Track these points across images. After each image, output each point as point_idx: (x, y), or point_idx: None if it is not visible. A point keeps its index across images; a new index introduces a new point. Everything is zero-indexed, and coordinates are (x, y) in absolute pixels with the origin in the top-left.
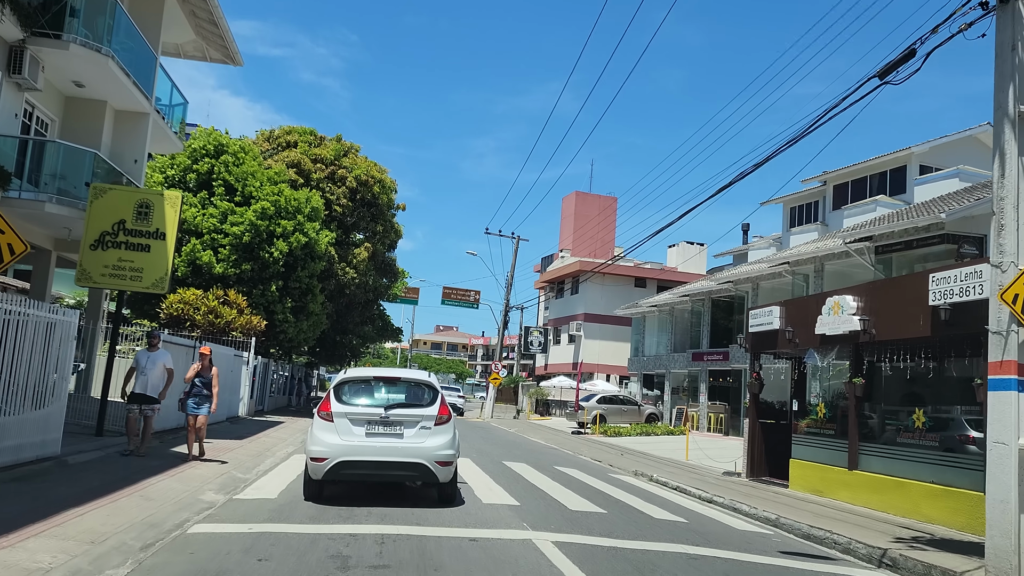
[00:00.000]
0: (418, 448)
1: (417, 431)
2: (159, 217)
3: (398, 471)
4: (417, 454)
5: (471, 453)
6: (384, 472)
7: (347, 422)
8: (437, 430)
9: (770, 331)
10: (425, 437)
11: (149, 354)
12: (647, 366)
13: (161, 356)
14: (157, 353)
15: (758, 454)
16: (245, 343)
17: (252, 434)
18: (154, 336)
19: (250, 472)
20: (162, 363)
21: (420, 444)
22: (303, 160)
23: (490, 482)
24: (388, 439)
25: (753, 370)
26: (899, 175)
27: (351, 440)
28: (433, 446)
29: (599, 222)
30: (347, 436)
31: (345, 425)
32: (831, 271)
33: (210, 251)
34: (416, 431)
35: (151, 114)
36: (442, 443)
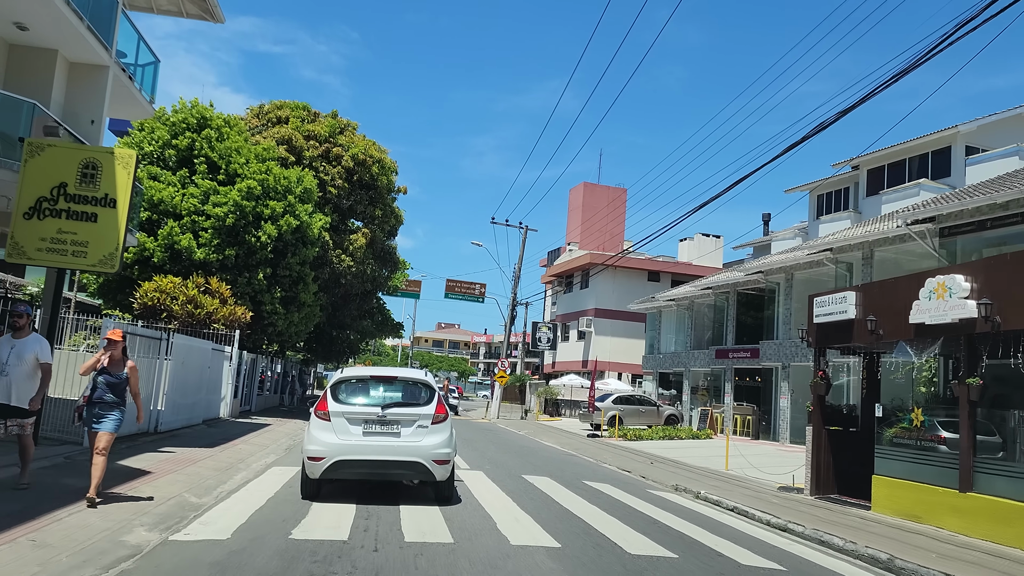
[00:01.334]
0: (415, 447)
1: (414, 430)
2: (109, 180)
3: (395, 470)
4: (414, 453)
5: (483, 464)
6: (381, 471)
7: (344, 421)
8: (434, 429)
9: (843, 321)
10: (422, 436)
11: (13, 343)
12: (663, 364)
13: (31, 346)
14: (25, 341)
15: (825, 467)
16: (229, 336)
17: (229, 440)
18: (19, 314)
19: (208, 494)
20: (32, 356)
21: (417, 443)
22: (295, 136)
23: (514, 508)
24: (385, 438)
25: (818, 368)
26: (943, 157)
27: (348, 439)
28: (430, 445)
29: (608, 214)
30: (344, 435)
31: (342, 424)
32: (881, 259)
33: (190, 234)
34: (413, 430)
35: (111, 67)
36: (439, 442)
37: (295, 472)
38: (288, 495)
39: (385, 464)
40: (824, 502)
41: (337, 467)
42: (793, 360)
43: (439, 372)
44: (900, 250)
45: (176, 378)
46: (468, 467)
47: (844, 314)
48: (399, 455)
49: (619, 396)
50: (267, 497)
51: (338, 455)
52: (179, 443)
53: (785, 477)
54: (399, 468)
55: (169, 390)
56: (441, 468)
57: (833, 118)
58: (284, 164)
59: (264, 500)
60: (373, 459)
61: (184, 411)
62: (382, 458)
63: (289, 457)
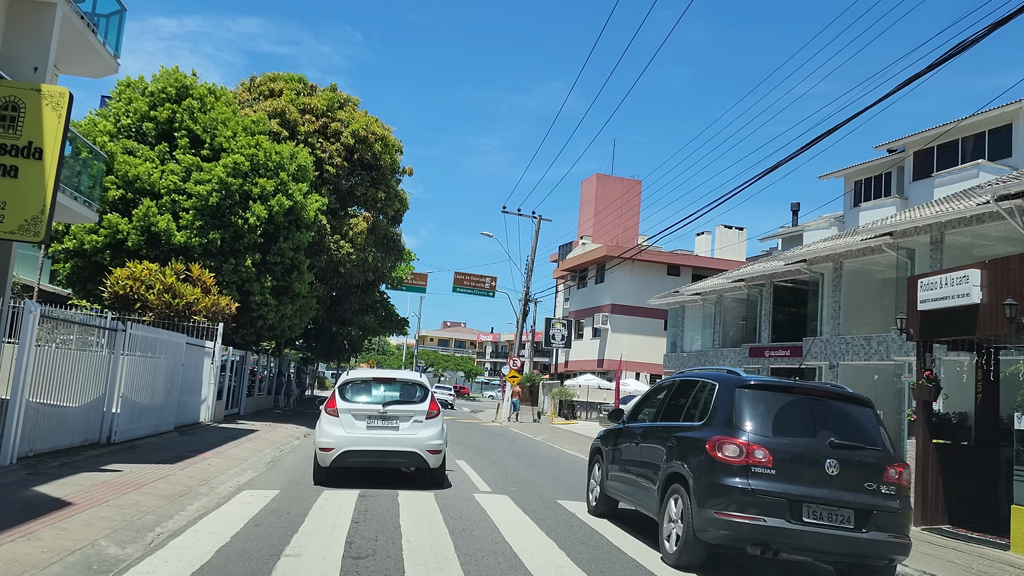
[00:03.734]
0: (412, 439)
1: (411, 424)
2: (33, 124)
3: (395, 458)
4: (411, 444)
5: (507, 484)
6: (383, 460)
7: (350, 417)
8: (428, 423)
9: (962, 307)
10: (418, 429)
11: None
12: (688, 363)
13: None
14: None
15: (934, 492)
16: (212, 330)
17: (199, 452)
18: None
19: (137, 540)
20: None
21: (414, 435)
22: (288, 109)
23: (568, 566)
24: (386, 431)
25: (925, 367)
26: (1002, 135)
27: (354, 432)
28: (425, 437)
29: (621, 206)
30: (350, 429)
31: (349, 419)
32: (952, 243)
33: (169, 215)
34: (410, 424)
35: (58, 5)
36: (432, 434)
37: (271, 497)
38: (254, 538)
39: (386, 454)
40: (938, 537)
41: (345, 456)
42: (843, 359)
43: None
44: (976, 232)
45: (138, 377)
46: (490, 489)
47: (965, 298)
48: (398, 446)
49: None
50: (222, 543)
51: (345, 446)
52: (133, 458)
53: None
54: (398, 457)
55: (127, 391)
56: (434, 457)
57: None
58: (277, 139)
59: (215, 549)
60: (376, 449)
61: (149, 416)
62: (383, 448)
63: (270, 475)
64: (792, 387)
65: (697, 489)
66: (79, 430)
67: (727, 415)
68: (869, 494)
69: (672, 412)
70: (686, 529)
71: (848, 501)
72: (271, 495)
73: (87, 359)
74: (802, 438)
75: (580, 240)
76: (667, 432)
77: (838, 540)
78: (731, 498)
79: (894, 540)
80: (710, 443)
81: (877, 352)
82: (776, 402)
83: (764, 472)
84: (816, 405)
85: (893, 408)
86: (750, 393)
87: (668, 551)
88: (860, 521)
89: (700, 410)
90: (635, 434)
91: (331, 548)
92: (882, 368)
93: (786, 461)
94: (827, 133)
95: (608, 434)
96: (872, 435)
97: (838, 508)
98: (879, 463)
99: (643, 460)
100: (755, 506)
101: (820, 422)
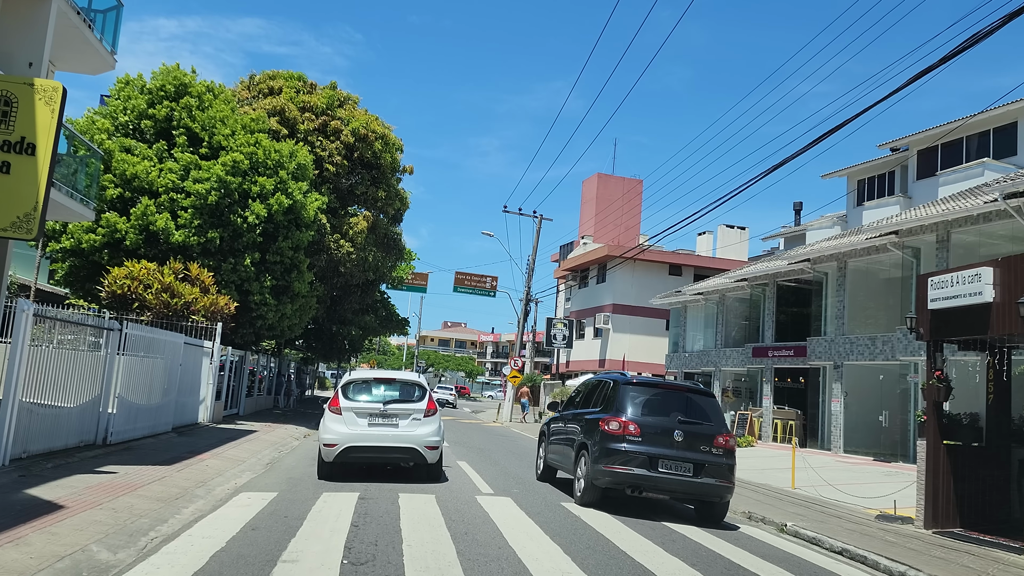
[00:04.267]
0: (411, 435)
1: (410, 422)
2: (27, 119)
3: (394, 454)
4: (410, 440)
5: (510, 486)
6: (383, 455)
7: (353, 415)
8: (426, 421)
9: (973, 306)
10: (416, 426)
11: None
12: (689, 363)
13: None
14: None
15: (945, 494)
16: (210, 330)
17: (197, 453)
18: None
19: (130, 545)
20: None
21: (412, 432)
22: (288, 107)
23: (573, 570)
24: (386, 428)
25: (935, 367)
26: (1007, 134)
27: (356, 429)
28: (423, 433)
29: (623, 206)
30: (353, 426)
31: (351, 417)
32: (959, 241)
33: (167, 214)
34: (409, 422)
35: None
36: (430, 431)
37: (269, 500)
38: (251, 543)
39: (386, 449)
40: (950, 540)
41: (347, 452)
42: (847, 359)
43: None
44: (983, 231)
45: (134, 377)
46: (492, 491)
47: (977, 296)
48: (398, 442)
49: None
50: (217, 547)
51: (348, 442)
52: (129, 459)
53: (877, 501)
54: (398, 453)
55: (123, 391)
56: (431, 452)
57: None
58: (276, 137)
59: (210, 555)
60: (376, 445)
61: (146, 417)
62: (384, 444)
63: (268, 477)
64: (659, 384)
65: (593, 452)
66: (74, 431)
67: (615, 403)
68: (703, 454)
69: (585, 402)
70: (587, 479)
71: (689, 458)
72: (269, 497)
73: (82, 359)
74: (661, 417)
75: (581, 240)
76: (581, 416)
77: (681, 483)
78: (613, 457)
79: (721, 484)
80: (602, 421)
81: (882, 352)
82: (647, 394)
83: (634, 439)
84: (674, 396)
85: (899, 408)
86: (631, 388)
87: (577, 495)
88: (697, 471)
89: (601, 400)
90: (565, 419)
91: (329, 553)
92: (887, 368)
93: (649, 432)
94: (832, 131)
95: (550, 420)
96: (709, 415)
97: (682, 462)
98: (712, 433)
99: (567, 436)
100: (628, 462)
101: (675, 407)
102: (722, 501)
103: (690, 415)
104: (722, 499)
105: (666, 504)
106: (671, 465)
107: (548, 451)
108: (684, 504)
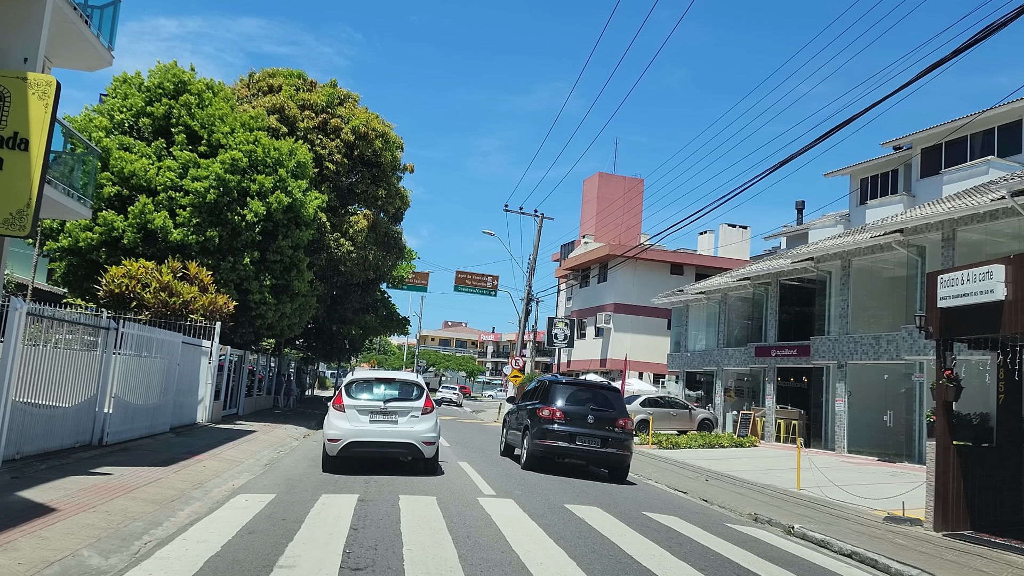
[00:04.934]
0: (409, 431)
1: (408, 419)
2: (19, 114)
3: (394, 449)
4: (408, 436)
5: (512, 487)
6: (383, 450)
7: (355, 412)
8: (423, 418)
9: (984, 304)
10: (414, 423)
11: None
12: (691, 363)
13: None
14: None
15: (955, 495)
16: (209, 329)
17: (195, 454)
18: None
19: (122, 550)
20: None
21: (411, 428)
22: (287, 105)
23: (569, 568)
24: (386, 425)
25: (945, 366)
26: (1012, 132)
27: (358, 425)
28: (420, 430)
29: (623, 205)
30: (355, 422)
31: (354, 414)
32: (965, 240)
33: (166, 212)
34: (407, 419)
35: None
36: (427, 428)
37: (267, 502)
38: (247, 547)
39: (386, 444)
40: (961, 543)
41: (350, 446)
42: (851, 358)
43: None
44: (989, 229)
45: (131, 377)
46: (494, 493)
47: (988, 294)
48: (397, 437)
49: (647, 398)
50: (212, 552)
51: (351, 437)
52: (125, 460)
53: (884, 502)
54: (397, 448)
55: (120, 391)
56: (428, 448)
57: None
58: (276, 135)
59: (204, 560)
60: (377, 440)
61: (143, 417)
62: (384, 440)
63: (266, 478)
64: (579, 383)
65: (532, 431)
66: (69, 431)
67: (548, 397)
68: (608, 432)
69: (530, 396)
70: (528, 451)
71: (597, 435)
72: (267, 499)
73: (78, 358)
74: (579, 406)
75: (582, 239)
76: (526, 407)
77: (592, 453)
78: (546, 434)
79: (620, 452)
80: (539, 410)
81: (887, 351)
82: (570, 390)
83: (559, 422)
84: (589, 391)
85: (903, 408)
86: (559, 386)
87: (521, 462)
88: (603, 444)
89: (539, 395)
90: (518, 409)
91: (327, 558)
92: (892, 367)
93: (570, 417)
94: (835, 129)
95: (508, 412)
96: (613, 405)
97: (592, 438)
98: (615, 417)
99: (518, 422)
100: (554, 437)
101: (589, 399)
102: (622, 465)
103: (599, 405)
104: (622, 464)
105: (653, 492)
106: (585, 440)
107: (507, 434)
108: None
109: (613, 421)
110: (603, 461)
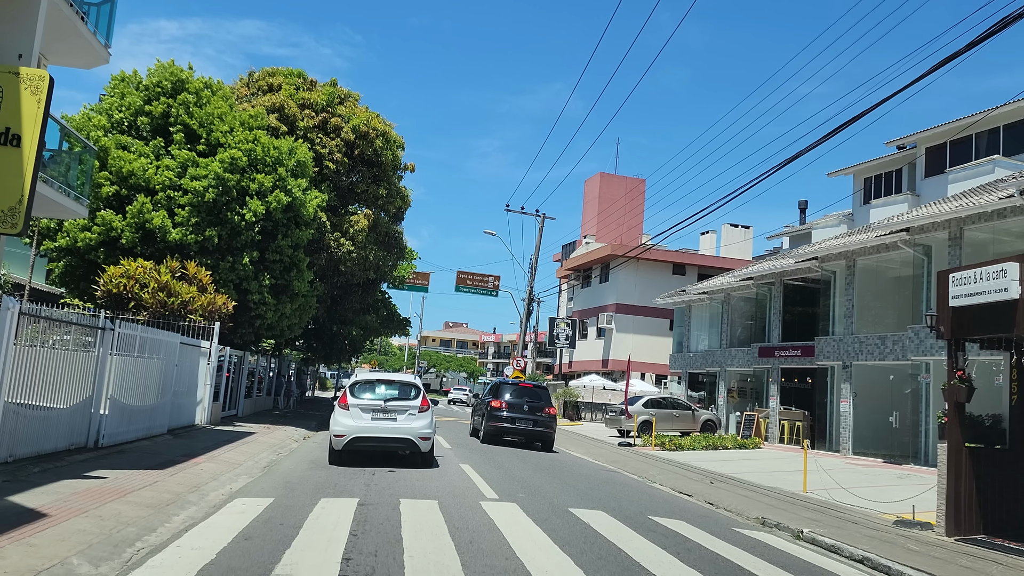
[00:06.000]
0: (407, 428)
1: (406, 416)
2: (11, 109)
3: (393, 444)
4: (407, 432)
5: (515, 490)
6: (384, 444)
7: (359, 410)
8: (420, 416)
9: (998, 303)
10: (412, 420)
11: None
12: (694, 364)
13: None
14: None
15: (967, 499)
16: (208, 330)
17: (192, 456)
18: None
19: (114, 557)
20: None
21: (409, 425)
22: (287, 104)
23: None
24: (387, 422)
25: (957, 366)
26: (1017, 130)
27: (361, 422)
28: (418, 426)
29: (625, 205)
30: (358, 420)
31: (357, 412)
32: (971, 239)
33: (164, 212)
34: (406, 416)
35: None
36: (424, 424)
37: (265, 506)
38: (243, 554)
39: (386, 440)
40: (975, 548)
41: (353, 441)
42: (856, 358)
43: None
44: (997, 228)
45: (128, 378)
46: (497, 496)
47: (1002, 293)
48: (396, 433)
49: (650, 399)
50: (206, 560)
51: (354, 433)
52: (120, 463)
53: (892, 505)
54: (396, 443)
55: (117, 392)
56: (425, 443)
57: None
58: (275, 134)
59: (198, 568)
60: (378, 436)
61: (141, 419)
62: (384, 435)
63: (265, 481)
64: (519, 383)
65: (487, 416)
66: (64, 433)
67: (496, 392)
68: (538, 416)
69: (487, 393)
70: (483, 430)
71: (530, 418)
72: (265, 503)
73: (73, 359)
74: (518, 399)
75: (584, 239)
76: (484, 401)
77: (527, 431)
78: (495, 419)
79: (547, 430)
80: (491, 402)
81: (892, 352)
82: (512, 388)
83: (504, 410)
84: (525, 388)
85: (909, 409)
86: (505, 385)
87: (479, 438)
88: (535, 424)
89: (491, 392)
90: (480, 403)
91: (326, 565)
92: (898, 368)
93: (511, 406)
94: (839, 129)
95: (475, 404)
96: (543, 397)
97: (527, 421)
98: (543, 407)
99: (479, 411)
100: (501, 421)
101: (525, 394)
102: (548, 439)
103: (532, 398)
104: (548, 438)
105: (658, 496)
106: (521, 422)
107: (473, 419)
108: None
109: (542, 408)
110: (535, 437)
